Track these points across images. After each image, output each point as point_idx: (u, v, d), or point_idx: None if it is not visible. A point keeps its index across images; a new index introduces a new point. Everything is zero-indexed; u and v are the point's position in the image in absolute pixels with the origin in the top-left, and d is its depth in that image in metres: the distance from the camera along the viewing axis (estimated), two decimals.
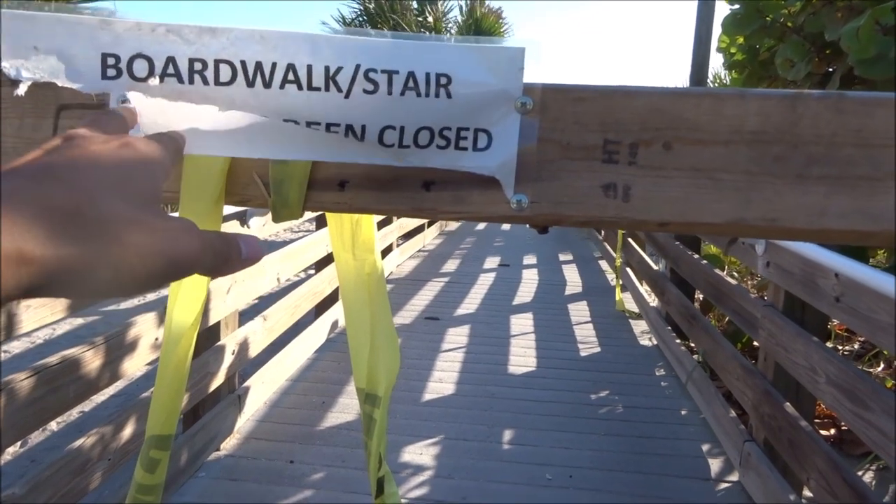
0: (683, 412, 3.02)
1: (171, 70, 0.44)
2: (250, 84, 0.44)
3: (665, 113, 0.47)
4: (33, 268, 0.25)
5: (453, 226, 9.50)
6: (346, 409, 2.91)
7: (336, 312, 3.93)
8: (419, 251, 7.14)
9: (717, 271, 3.07)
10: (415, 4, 12.98)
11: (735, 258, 3.93)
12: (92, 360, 1.64)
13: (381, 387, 0.61)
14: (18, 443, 2.65)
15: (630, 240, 5.32)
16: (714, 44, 4.11)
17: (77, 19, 0.44)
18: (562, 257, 7.29)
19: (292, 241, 3.43)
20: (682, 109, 0.47)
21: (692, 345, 3.52)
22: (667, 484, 2.39)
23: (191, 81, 0.44)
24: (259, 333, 2.78)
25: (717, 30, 4.01)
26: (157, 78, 0.44)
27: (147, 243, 0.29)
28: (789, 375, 2.12)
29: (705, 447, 2.68)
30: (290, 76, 0.44)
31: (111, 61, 0.43)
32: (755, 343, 3.28)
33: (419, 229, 7.17)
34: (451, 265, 6.54)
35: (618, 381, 3.38)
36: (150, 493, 0.54)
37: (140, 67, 0.44)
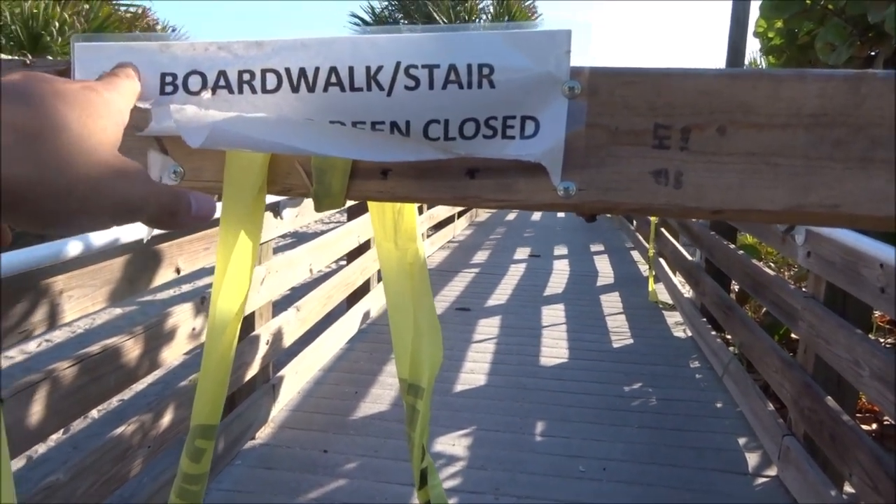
0: (719, 405, 2.97)
1: (222, 82, 0.47)
2: (295, 90, 0.46)
3: (719, 96, 0.45)
4: None
5: (483, 216, 9.48)
6: (379, 399, 2.92)
7: (368, 303, 3.95)
8: (449, 242, 7.14)
9: (755, 261, 3.01)
10: None
11: (772, 248, 3.85)
12: (132, 349, 1.67)
13: (423, 377, 0.61)
14: (61, 430, 2.72)
15: (663, 230, 5.25)
16: (751, 28, 4.01)
17: (140, 46, 0.48)
18: (593, 248, 7.22)
19: (323, 232, 3.45)
20: (737, 92, 0.45)
21: (728, 336, 3.46)
22: (702, 477, 2.35)
23: (240, 91, 0.47)
24: (292, 324, 2.81)
25: (754, 13, 3.92)
26: (210, 90, 0.47)
27: (101, 179, 0.30)
28: (830, 368, 2.07)
29: (742, 441, 2.63)
30: (333, 79, 0.46)
31: (169, 79, 0.47)
32: (793, 335, 3.22)
33: (449, 220, 7.16)
34: (481, 256, 6.53)
35: (651, 373, 3.34)
36: (196, 482, 0.54)
37: (194, 82, 0.47)
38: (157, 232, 1.67)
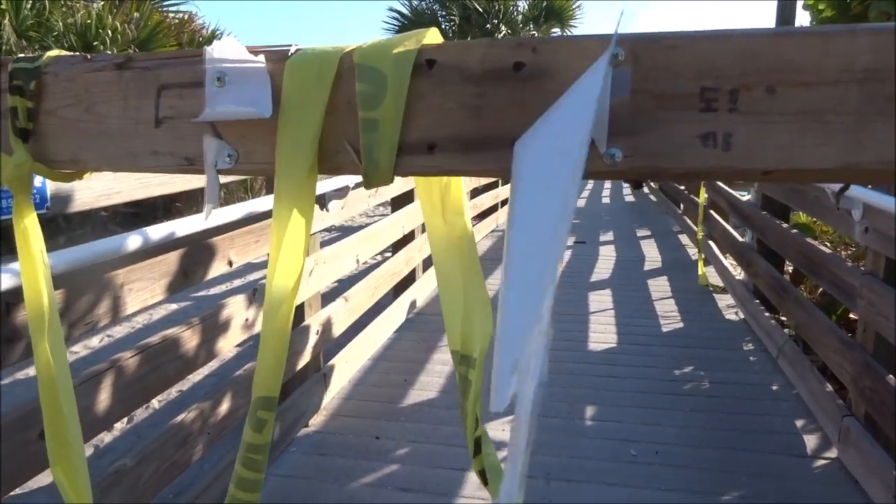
0: (775, 387, 2.91)
1: None
2: None
3: (767, 55, 0.45)
4: None
5: None
6: (428, 386, 2.95)
7: (414, 293, 3.98)
8: (492, 231, 7.12)
9: (809, 240, 2.93)
10: None
11: (828, 226, 3.74)
12: (190, 339, 1.73)
13: (475, 348, 0.62)
14: (125, 419, 2.83)
15: (712, 212, 5.13)
16: (800, 0, 3.88)
17: None
18: (639, 233, 7.11)
19: (368, 225, 3.48)
20: (786, 50, 0.45)
21: (782, 318, 3.38)
22: (759, 460, 2.31)
23: None
24: (341, 314, 2.85)
25: None
26: None
27: None
28: (892, 346, 2.01)
29: (799, 423, 2.57)
30: None
31: None
32: (852, 315, 3.12)
33: (492, 209, 7.15)
34: None
35: (703, 357, 3.28)
36: (259, 452, 0.57)
37: None
38: (216, 212, 1.72)
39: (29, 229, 0.60)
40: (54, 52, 0.61)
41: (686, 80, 0.47)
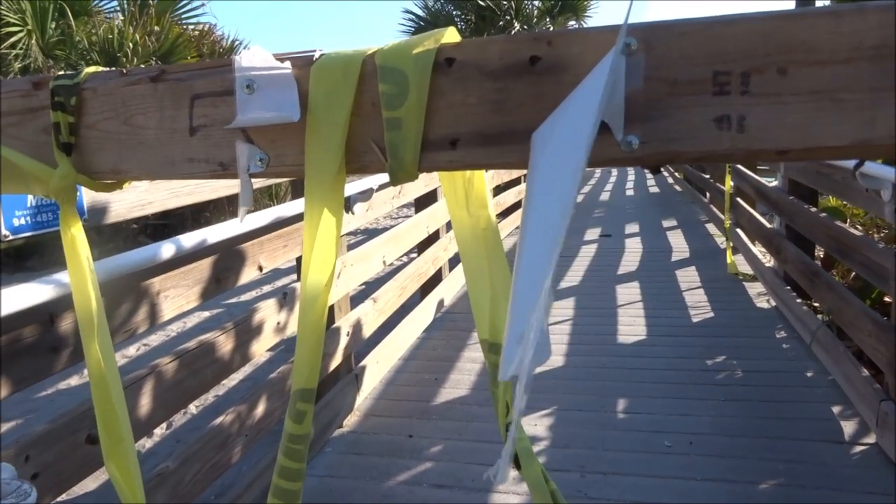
0: (809, 374, 2.87)
1: None
2: None
3: (776, 37, 0.46)
4: None
5: None
6: (459, 384, 2.97)
7: (441, 292, 4.00)
8: (517, 228, 7.12)
9: (840, 223, 2.89)
10: None
11: (858, 209, 3.68)
12: (225, 343, 1.77)
13: (503, 336, 0.64)
14: (164, 424, 2.90)
15: (739, 199, 5.08)
16: None
17: None
18: (665, 223, 7.05)
19: (392, 227, 3.52)
20: (796, 31, 0.46)
21: (815, 304, 3.33)
22: (795, 448, 2.29)
23: None
24: (370, 315, 2.88)
25: None
26: None
27: None
28: None
29: (836, 409, 2.54)
30: None
31: None
32: (886, 298, 3.07)
33: (516, 206, 7.15)
34: None
35: (735, 346, 3.26)
36: (300, 442, 0.59)
37: None
38: (249, 217, 1.76)
39: (76, 237, 0.63)
40: (92, 69, 0.64)
41: (698, 66, 0.48)
